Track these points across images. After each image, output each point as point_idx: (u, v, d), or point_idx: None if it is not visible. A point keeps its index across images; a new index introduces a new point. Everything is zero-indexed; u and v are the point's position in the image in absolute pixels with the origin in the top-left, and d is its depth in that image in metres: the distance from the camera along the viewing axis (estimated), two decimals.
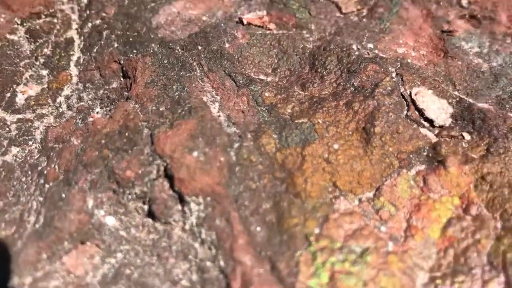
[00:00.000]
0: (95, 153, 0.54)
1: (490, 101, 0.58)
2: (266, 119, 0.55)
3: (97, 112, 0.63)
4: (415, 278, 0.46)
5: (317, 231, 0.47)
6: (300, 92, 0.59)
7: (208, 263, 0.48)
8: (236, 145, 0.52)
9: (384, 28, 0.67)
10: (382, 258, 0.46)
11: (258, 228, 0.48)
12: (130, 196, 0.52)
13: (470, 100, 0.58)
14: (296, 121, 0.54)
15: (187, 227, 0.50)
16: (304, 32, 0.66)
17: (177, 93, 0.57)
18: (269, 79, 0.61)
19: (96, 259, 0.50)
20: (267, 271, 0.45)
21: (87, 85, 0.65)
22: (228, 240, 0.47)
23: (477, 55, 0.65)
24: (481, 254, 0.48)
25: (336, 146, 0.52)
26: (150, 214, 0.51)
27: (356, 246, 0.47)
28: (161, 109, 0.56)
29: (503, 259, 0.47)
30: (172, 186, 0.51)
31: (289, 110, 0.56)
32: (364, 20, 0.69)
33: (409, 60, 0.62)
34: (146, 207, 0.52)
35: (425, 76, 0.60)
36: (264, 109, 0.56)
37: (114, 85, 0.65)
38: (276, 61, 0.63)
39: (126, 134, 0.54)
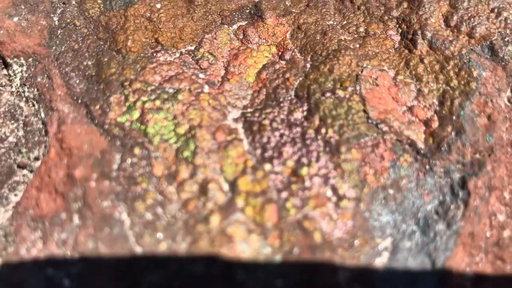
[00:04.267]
0: None
1: None
2: None
3: None
4: (227, 113, 0.50)
5: (132, 77, 0.50)
6: None
7: (32, 118, 0.50)
8: (59, 10, 0.54)
9: None
10: (194, 96, 0.50)
11: (77, 81, 0.50)
12: None
13: None
14: None
15: (13, 89, 0.51)
16: None
17: None
18: None
19: None
20: (81, 115, 0.48)
21: None
22: (48, 93, 0.49)
23: None
24: (289, 90, 0.52)
25: (158, 6, 0.55)
26: None
27: (170, 88, 0.50)
28: None
29: (307, 91, 0.51)
30: None
31: None
32: None
33: None
34: None
35: None
36: None
37: None
38: None
39: None
